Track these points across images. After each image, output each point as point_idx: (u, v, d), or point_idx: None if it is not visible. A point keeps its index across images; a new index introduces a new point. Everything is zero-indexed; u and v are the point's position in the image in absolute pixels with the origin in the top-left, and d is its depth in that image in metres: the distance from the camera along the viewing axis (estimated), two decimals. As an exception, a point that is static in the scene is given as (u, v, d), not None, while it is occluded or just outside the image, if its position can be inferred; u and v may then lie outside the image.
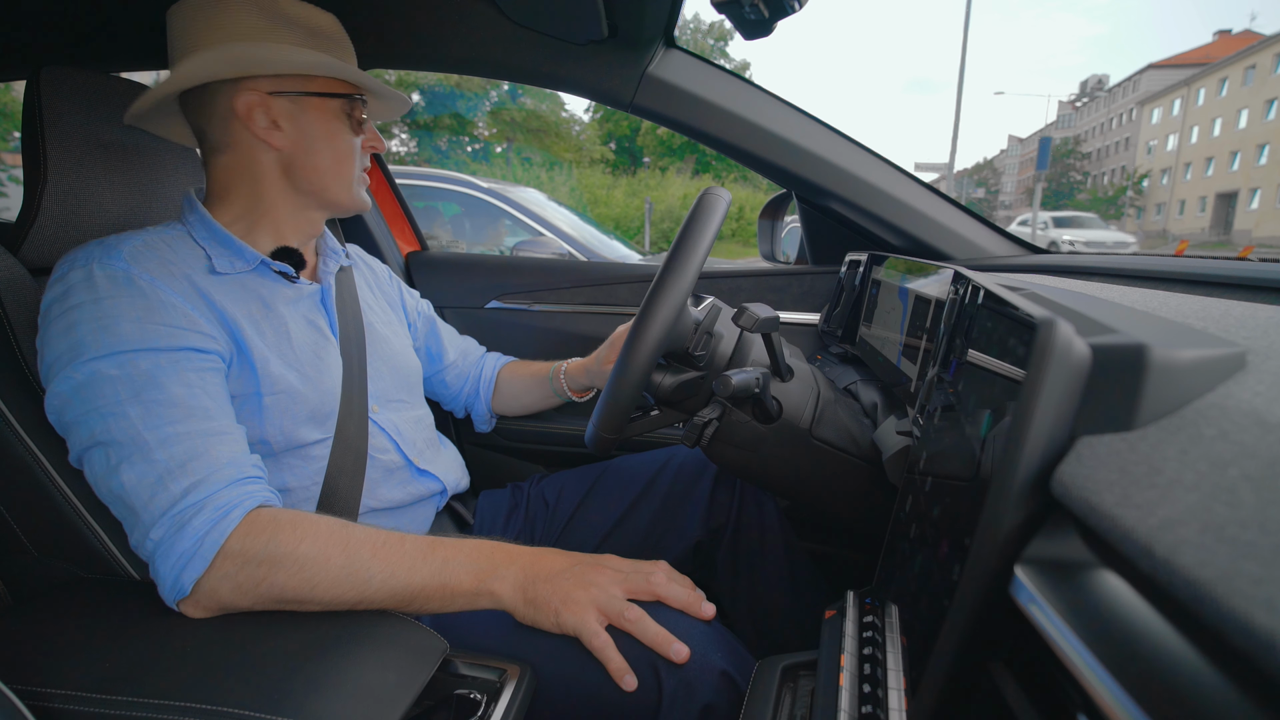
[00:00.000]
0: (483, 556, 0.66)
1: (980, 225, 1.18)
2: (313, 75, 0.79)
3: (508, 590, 0.65)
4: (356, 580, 0.61)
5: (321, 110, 0.81)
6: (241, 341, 0.73)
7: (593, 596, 0.64)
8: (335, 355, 0.83)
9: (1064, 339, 0.31)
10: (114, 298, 0.66)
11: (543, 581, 0.65)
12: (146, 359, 0.64)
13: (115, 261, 0.68)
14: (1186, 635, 0.22)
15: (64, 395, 0.63)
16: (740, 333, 0.80)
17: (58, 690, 0.51)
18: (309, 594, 0.60)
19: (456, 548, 0.66)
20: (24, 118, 0.78)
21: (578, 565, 0.67)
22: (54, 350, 0.64)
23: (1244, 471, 0.25)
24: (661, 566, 0.70)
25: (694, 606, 0.68)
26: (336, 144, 0.82)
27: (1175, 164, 41.92)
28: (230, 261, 0.77)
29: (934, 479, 0.47)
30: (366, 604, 0.62)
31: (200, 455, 0.62)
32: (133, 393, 0.62)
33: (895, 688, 0.44)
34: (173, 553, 0.58)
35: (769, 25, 0.89)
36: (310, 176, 0.82)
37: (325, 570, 0.60)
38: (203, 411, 0.64)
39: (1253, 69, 35.07)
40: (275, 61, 0.76)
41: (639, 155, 23.14)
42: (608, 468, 1.07)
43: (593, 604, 0.64)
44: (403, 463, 0.88)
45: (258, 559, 0.59)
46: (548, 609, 0.64)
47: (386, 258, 1.44)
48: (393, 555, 0.63)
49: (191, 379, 0.65)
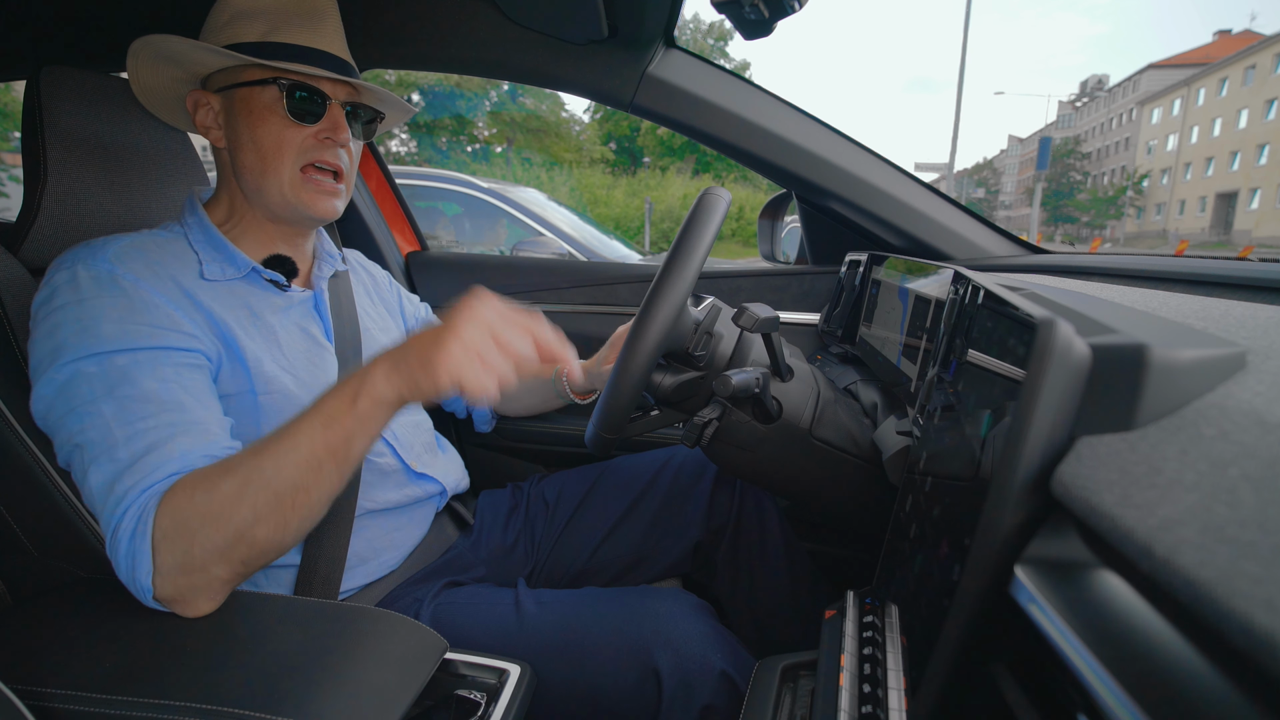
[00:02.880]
0: (349, 378, 0.61)
1: (980, 225, 1.18)
2: (243, 65, 0.76)
3: (381, 381, 0.59)
4: (255, 484, 0.57)
5: (247, 101, 0.76)
6: (232, 341, 0.73)
7: (461, 339, 0.57)
8: (331, 360, 0.83)
9: (1064, 339, 0.31)
10: (96, 298, 0.66)
11: (410, 350, 0.59)
12: (125, 357, 0.63)
13: (100, 262, 0.68)
14: (1186, 635, 0.22)
15: (48, 398, 0.63)
16: (740, 333, 0.80)
17: (58, 690, 0.51)
18: (236, 529, 0.57)
19: (326, 393, 0.61)
20: (24, 118, 0.78)
21: (441, 329, 0.59)
22: (39, 352, 0.64)
23: (1244, 471, 0.25)
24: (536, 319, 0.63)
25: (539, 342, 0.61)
26: (259, 136, 0.76)
27: (1175, 164, 41.92)
28: (221, 268, 0.77)
29: (934, 479, 0.47)
30: (290, 498, 0.58)
31: (157, 448, 0.60)
32: (107, 389, 0.61)
33: (895, 688, 0.43)
34: (120, 562, 0.57)
35: (769, 25, 0.89)
36: (243, 175, 0.78)
37: (224, 497, 0.57)
38: (175, 404, 0.63)
39: (1253, 69, 35.09)
40: (186, 58, 0.76)
41: (639, 155, 23.13)
42: (607, 468, 1.07)
43: (464, 346, 0.56)
44: (399, 466, 0.87)
45: (176, 534, 0.57)
46: (424, 372, 0.57)
47: (386, 258, 1.44)
48: (271, 443, 0.59)
49: (167, 374, 0.65)
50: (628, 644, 0.71)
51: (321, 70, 0.76)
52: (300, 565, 0.77)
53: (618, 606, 0.75)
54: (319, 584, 0.76)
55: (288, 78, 0.76)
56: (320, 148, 0.79)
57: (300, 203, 0.79)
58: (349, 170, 0.83)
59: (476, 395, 0.56)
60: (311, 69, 0.75)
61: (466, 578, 0.90)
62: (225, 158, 0.80)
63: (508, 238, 3.50)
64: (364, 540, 0.82)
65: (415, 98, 17.95)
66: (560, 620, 0.75)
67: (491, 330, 0.58)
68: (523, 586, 0.84)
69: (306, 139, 0.78)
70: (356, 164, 0.86)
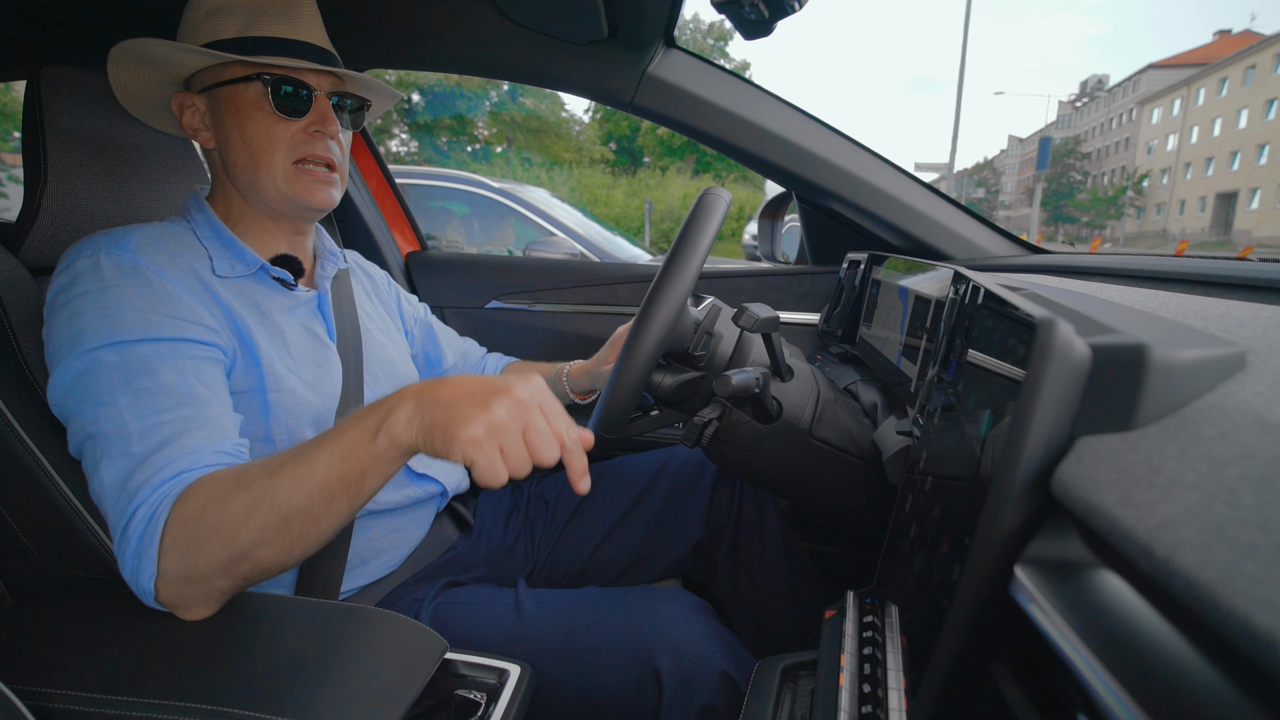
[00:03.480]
0: (375, 407, 0.59)
1: (980, 225, 1.18)
2: (225, 63, 0.75)
3: (402, 424, 0.56)
4: (266, 506, 0.56)
5: (232, 99, 0.75)
6: (247, 338, 0.73)
7: (490, 420, 0.53)
8: (335, 360, 0.83)
9: (1064, 339, 0.31)
10: (120, 287, 0.65)
11: (439, 406, 0.56)
12: (145, 347, 0.63)
13: (123, 251, 0.68)
14: (1186, 635, 0.22)
15: (65, 385, 0.62)
16: (740, 333, 0.80)
17: (58, 690, 0.51)
18: (241, 548, 0.56)
19: (350, 418, 0.59)
20: (24, 118, 0.78)
21: (478, 391, 0.56)
22: (57, 339, 0.64)
23: (1244, 471, 0.25)
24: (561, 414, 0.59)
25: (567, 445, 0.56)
26: (248, 134, 0.75)
27: (1175, 164, 41.92)
28: (231, 265, 0.77)
29: (934, 479, 0.47)
30: (299, 525, 0.57)
31: (171, 442, 0.59)
32: (125, 380, 0.61)
33: (895, 688, 0.44)
34: (127, 560, 0.57)
35: (769, 25, 0.89)
36: (236, 174, 0.78)
37: (234, 515, 0.56)
38: (193, 398, 0.63)
39: (1253, 69, 35.09)
40: (166, 60, 0.75)
41: (639, 155, 23.10)
42: (607, 468, 1.07)
43: (490, 431, 0.53)
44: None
45: (184, 543, 0.56)
46: (442, 437, 0.54)
47: (386, 258, 1.44)
48: (289, 464, 0.58)
49: (187, 366, 0.64)
50: (628, 644, 0.71)
51: (305, 62, 0.75)
52: (300, 567, 0.77)
53: (618, 606, 0.75)
54: (319, 584, 0.76)
55: (270, 72, 0.75)
56: (310, 142, 0.78)
57: (296, 195, 0.78)
58: (341, 161, 0.82)
59: (482, 481, 0.53)
60: (295, 61, 0.74)
61: (466, 578, 0.90)
62: (216, 158, 0.80)
63: (516, 238, 3.49)
64: (364, 541, 0.82)
65: (415, 98, 17.94)
66: (560, 620, 0.75)
67: (525, 423, 0.54)
68: (523, 586, 0.84)
69: (296, 133, 0.77)
70: (348, 153, 0.85)
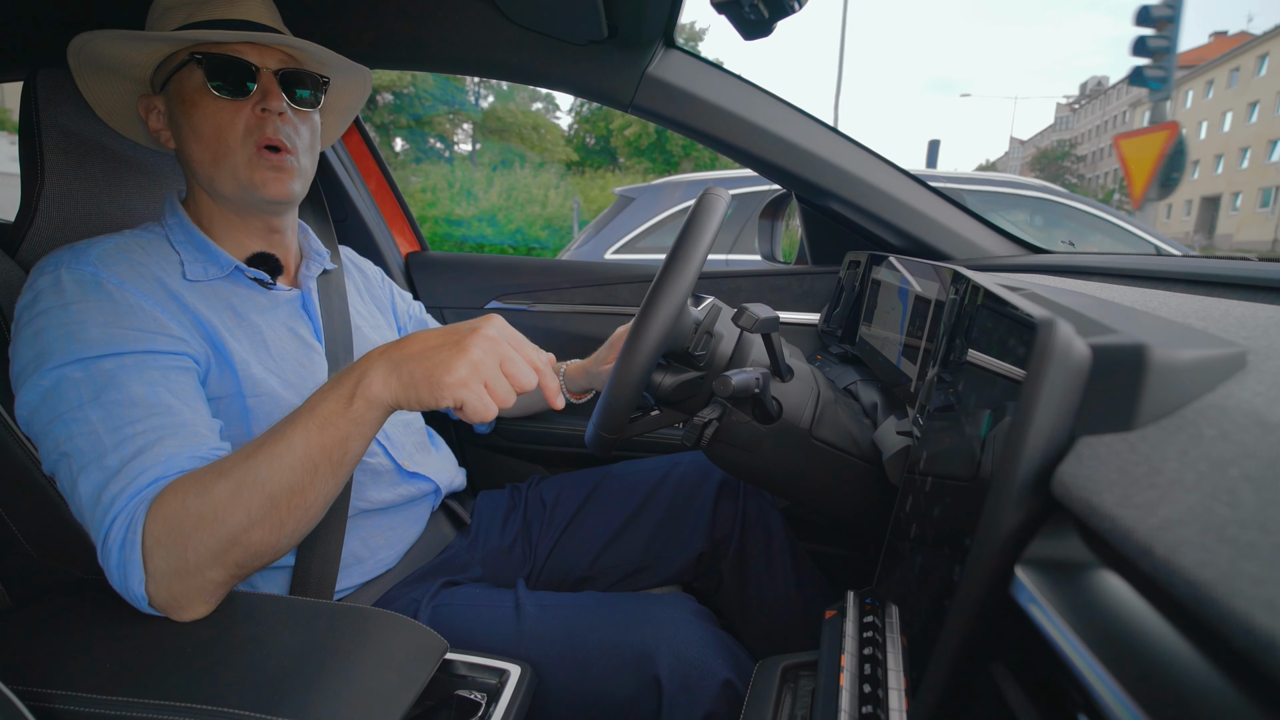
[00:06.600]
0: (343, 376, 0.60)
1: (980, 225, 1.18)
2: (174, 53, 0.74)
3: (379, 385, 0.58)
4: (250, 487, 0.56)
5: (179, 90, 0.74)
6: (219, 344, 0.72)
7: (470, 360, 0.56)
8: (320, 362, 0.82)
9: (1064, 339, 0.31)
10: (81, 302, 0.65)
11: (414, 360, 0.58)
12: (111, 362, 0.62)
13: (83, 266, 0.67)
14: (1186, 635, 0.22)
15: (32, 404, 0.61)
16: (740, 333, 0.80)
17: (58, 690, 0.51)
18: (230, 533, 0.56)
19: (318, 392, 0.61)
20: (20, 120, 0.78)
21: (448, 337, 0.59)
22: (22, 358, 0.63)
23: (1244, 471, 0.25)
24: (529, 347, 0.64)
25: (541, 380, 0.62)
26: (196, 122, 0.73)
27: (1162, 168, 41.83)
28: (204, 268, 0.76)
29: (934, 479, 0.47)
30: (285, 501, 0.58)
31: (144, 452, 0.59)
32: (94, 394, 0.60)
33: (895, 688, 0.44)
34: (112, 572, 0.57)
35: (769, 25, 0.89)
36: (197, 170, 0.76)
37: (218, 501, 0.56)
38: (163, 408, 0.62)
39: (1237, 71, 35.06)
40: (110, 56, 0.74)
41: (615, 155, 22.95)
42: (608, 473, 1.06)
43: (472, 369, 0.56)
44: (391, 466, 0.87)
45: (169, 539, 0.56)
46: (428, 386, 0.57)
47: (386, 258, 1.44)
48: (265, 445, 0.58)
49: (154, 377, 0.64)
50: (628, 649, 0.70)
51: (234, 33, 0.72)
52: (294, 566, 0.76)
53: (618, 611, 0.75)
54: (314, 584, 0.76)
55: (203, 50, 0.72)
56: (262, 123, 0.74)
57: (251, 184, 0.75)
58: (302, 146, 0.78)
59: (475, 418, 0.57)
60: (223, 33, 0.71)
61: (463, 577, 0.90)
62: (182, 159, 0.79)
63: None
64: (359, 539, 0.82)
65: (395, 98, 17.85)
66: (560, 624, 0.75)
67: (500, 356, 0.58)
68: (522, 588, 0.83)
69: (248, 118, 0.74)
70: (315, 139, 0.82)
